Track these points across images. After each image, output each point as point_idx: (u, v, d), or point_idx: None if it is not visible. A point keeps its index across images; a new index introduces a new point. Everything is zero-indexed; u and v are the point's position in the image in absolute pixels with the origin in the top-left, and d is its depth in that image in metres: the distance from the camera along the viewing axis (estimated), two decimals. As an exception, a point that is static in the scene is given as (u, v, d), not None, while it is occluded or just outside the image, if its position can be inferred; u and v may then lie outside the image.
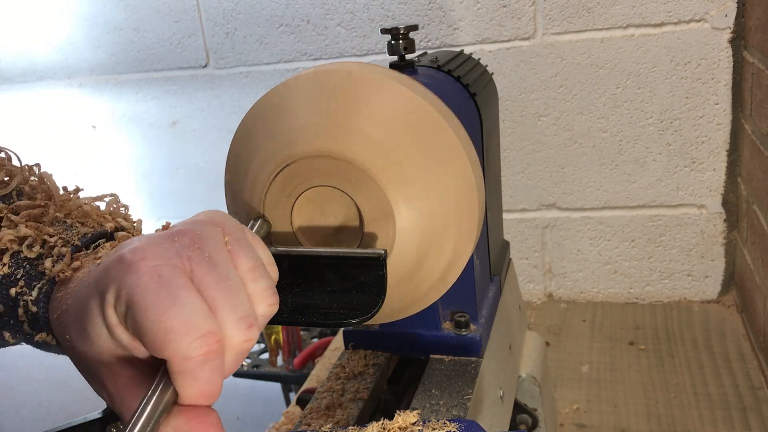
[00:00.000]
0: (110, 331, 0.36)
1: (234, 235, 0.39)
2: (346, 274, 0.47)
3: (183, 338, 0.33)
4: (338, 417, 0.62)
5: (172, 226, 0.40)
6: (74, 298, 0.40)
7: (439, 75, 0.69)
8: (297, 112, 0.51)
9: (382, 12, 1.34)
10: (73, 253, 0.44)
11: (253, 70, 1.48)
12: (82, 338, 0.37)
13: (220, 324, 0.35)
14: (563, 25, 1.24)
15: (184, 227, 0.38)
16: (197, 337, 0.33)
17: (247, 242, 0.40)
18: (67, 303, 0.40)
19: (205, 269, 0.36)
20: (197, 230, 0.38)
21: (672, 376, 1.10)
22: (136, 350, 0.36)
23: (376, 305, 0.46)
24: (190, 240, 0.37)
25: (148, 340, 0.33)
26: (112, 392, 0.37)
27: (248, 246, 0.39)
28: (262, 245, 0.42)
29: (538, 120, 1.31)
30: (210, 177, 1.61)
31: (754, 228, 1.13)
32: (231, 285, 0.36)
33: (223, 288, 0.36)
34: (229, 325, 0.35)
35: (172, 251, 0.36)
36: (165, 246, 0.36)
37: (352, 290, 0.46)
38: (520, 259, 1.41)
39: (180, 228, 0.38)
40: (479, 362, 0.65)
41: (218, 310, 0.35)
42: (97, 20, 1.55)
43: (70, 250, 0.43)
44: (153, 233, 0.38)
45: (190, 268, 0.35)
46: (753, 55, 1.11)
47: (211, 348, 0.33)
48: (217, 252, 0.37)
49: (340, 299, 0.47)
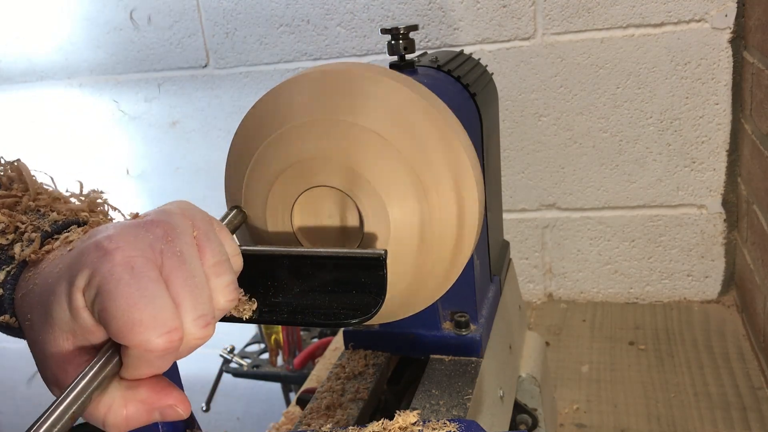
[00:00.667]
0: (74, 313, 0.36)
1: (203, 229, 0.40)
2: (346, 275, 0.46)
3: (150, 332, 0.34)
4: (338, 417, 0.62)
5: (144, 214, 0.40)
6: (42, 278, 0.40)
7: (439, 75, 0.69)
8: (297, 113, 0.51)
9: (382, 12, 1.35)
10: (44, 239, 0.44)
11: (253, 70, 1.48)
12: (44, 319, 0.38)
13: (183, 318, 0.36)
14: (563, 25, 1.24)
15: (156, 218, 0.39)
16: (163, 332, 0.35)
17: (215, 237, 0.41)
18: (35, 282, 0.41)
19: (174, 264, 0.37)
20: (170, 222, 0.39)
21: (672, 376, 1.10)
22: (93, 336, 0.37)
23: (377, 305, 0.46)
24: (163, 232, 0.38)
25: (114, 328, 0.35)
26: (60, 378, 0.38)
27: (215, 241, 0.40)
28: (228, 237, 0.43)
29: (538, 120, 1.31)
30: (210, 177, 1.61)
31: (754, 228, 1.13)
32: (196, 282, 0.37)
33: (189, 285, 0.37)
34: (188, 322, 0.36)
35: (146, 242, 0.37)
36: (140, 236, 0.37)
37: (352, 290, 0.46)
38: (520, 259, 1.41)
39: (153, 218, 0.39)
40: (479, 362, 0.65)
41: (181, 306, 0.36)
42: (97, 20, 1.55)
43: (39, 236, 0.44)
44: (126, 221, 0.39)
45: (161, 261, 0.37)
46: (753, 55, 1.11)
47: (173, 344, 0.35)
48: (187, 247, 0.38)
49: (339, 299, 0.46)
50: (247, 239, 0.56)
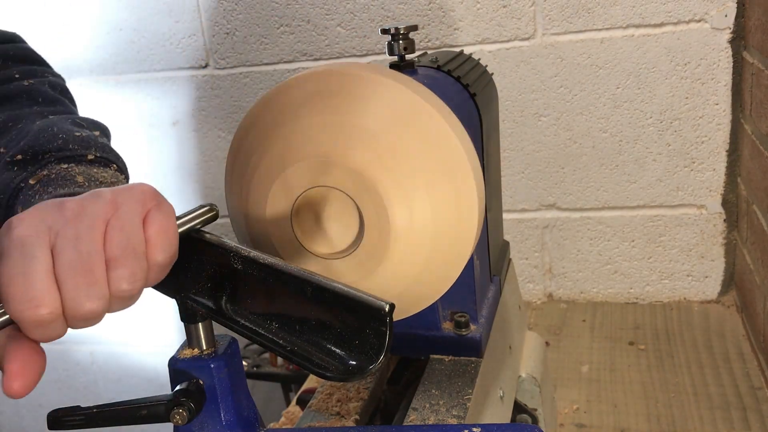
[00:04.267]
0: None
1: (122, 218, 0.42)
2: (340, 316, 0.41)
3: (18, 305, 0.39)
4: (338, 417, 0.62)
5: (93, 191, 0.44)
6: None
7: (439, 75, 0.69)
8: (297, 113, 0.51)
9: (382, 12, 1.35)
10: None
11: (253, 70, 1.48)
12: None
13: (63, 296, 0.40)
14: (563, 26, 1.24)
15: (76, 200, 0.43)
16: (30, 307, 0.39)
17: (130, 227, 0.42)
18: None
19: (64, 245, 0.40)
20: (83, 206, 0.42)
21: (672, 376, 1.10)
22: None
23: (371, 364, 0.40)
24: (71, 214, 0.42)
25: (0, 296, 0.40)
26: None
27: (127, 231, 0.42)
28: (163, 230, 0.43)
29: (538, 120, 1.31)
30: (210, 177, 1.61)
31: (754, 228, 1.13)
32: (82, 264, 0.40)
33: (72, 266, 0.40)
34: (68, 299, 0.40)
35: (46, 223, 0.41)
36: (45, 217, 0.42)
37: (345, 336, 0.41)
38: (520, 259, 1.41)
39: (72, 200, 0.43)
40: (479, 362, 0.65)
41: (63, 284, 0.40)
42: (98, 20, 1.55)
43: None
44: (49, 201, 0.43)
45: (54, 241, 0.41)
46: (753, 56, 1.11)
47: (41, 318, 0.39)
48: (86, 231, 0.41)
49: (326, 341, 0.41)
50: (247, 240, 0.56)
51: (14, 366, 0.40)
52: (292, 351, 0.43)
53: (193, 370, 0.48)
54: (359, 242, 0.51)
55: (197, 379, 0.48)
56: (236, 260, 0.45)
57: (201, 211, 0.47)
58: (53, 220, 0.41)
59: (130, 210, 0.43)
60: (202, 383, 0.48)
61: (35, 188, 0.60)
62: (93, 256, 0.41)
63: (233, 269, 0.46)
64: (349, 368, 0.41)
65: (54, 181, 0.60)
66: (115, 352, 1.84)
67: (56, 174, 0.61)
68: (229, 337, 0.50)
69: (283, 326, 0.44)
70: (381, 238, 0.50)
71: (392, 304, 0.39)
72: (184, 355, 0.49)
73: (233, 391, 0.49)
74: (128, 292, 0.42)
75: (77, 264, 0.40)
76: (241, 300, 0.46)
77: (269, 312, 0.45)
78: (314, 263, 0.52)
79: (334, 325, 0.42)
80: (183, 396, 0.47)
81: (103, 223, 0.42)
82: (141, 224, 0.43)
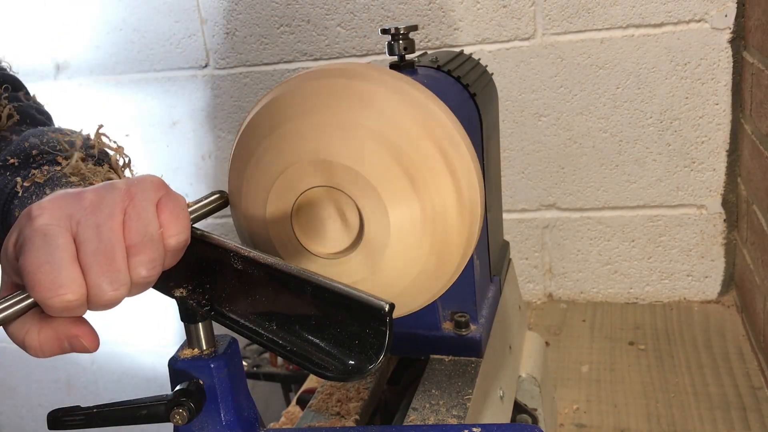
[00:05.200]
0: (9, 259, 0.44)
1: (137, 207, 0.43)
2: (340, 314, 0.41)
3: (45, 292, 0.40)
4: (338, 417, 0.62)
5: (107, 182, 0.45)
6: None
7: (439, 75, 0.69)
8: (297, 113, 0.51)
9: (382, 12, 1.35)
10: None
11: (253, 70, 1.48)
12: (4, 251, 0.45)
13: (88, 283, 0.41)
14: (563, 26, 1.24)
15: (93, 189, 0.44)
16: (57, 294, 0.40)
17: (146, 216, 0.43)
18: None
19: (87, 235, 0.42)
20: (101, 195, 0.44)
21: (672, 376, 1.10)
22: (21, 279, 0.43)
23: (371, 363, 0.39)
24: (89, 204, 0.43)
25: (25, 282, 0.41)
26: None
27: (144, 220, 0.43)
28: (177, 218, 0.45)
29: (538, 120, 1.31)
30: (210, 177, 1.61)
31: (753, 228, 1.13)
32: (106, 252, 0.42)
33: (96, 254, 0.41)
34: (93, 286, 0.41)
35: (67, 212, 0.42)
36: (65, 206, 0.43)
37: (344, 336, 0.41)
38: (520, 259, 1.41)
39: (89, 189, 0.44)
40: (479, 362, 0.65)
41: (88, 271, 0.41)
42: (98, 20, 1.55)
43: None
44: (66, 191, 0.45)
45: (76, 230, 0.42)
46: (753, 56, 1.11)
47: (68, 304, 0.41)
48: (106, 219, 0.42)
49: (325, 339, 0.41)
50: (247, 240, 0.56)
51: (85, 327, 0.43)
52: (292, 351, 0.43)
53: (193, 370, 0.48)
54: (359, 242, 0.51)
55: (197, 379, 0.48)
56: (236, 260, 0.45)
57: (211, 198, 0.49)
58: (73, 210, 0.43)
59: (145, 198, 0.44)
60: (202, 383, 0.48)
61: (30, 190, 0.61)
62: (114, 244, 0.42)
63: (233, 269, 0.46)
64: (348, 368, 0.41)
65: (50, 181, 0.61)
66: (115, 352, 1.84)
67: (51, 175, 0.61)
68: (229, 337, 0.50)
69: (283, 326, 0.44)
70: (381, 238, 0.50)
71: (392, 304, 0.39)
72: (184, 355, 0.49)
73: (233, 391, 0.49)
74: (148, 278, 0.43)
75: (100, 252, 0.41)
76: (241, 300, 0.46)
77: (269, 312, 0.45)
78: (314, 263, 0.52)
79: (333, 325, 0.42)
80: (183, 396, 0.47)
81: (121, 211, 0.43)
82: (155, 211, 0.44)
